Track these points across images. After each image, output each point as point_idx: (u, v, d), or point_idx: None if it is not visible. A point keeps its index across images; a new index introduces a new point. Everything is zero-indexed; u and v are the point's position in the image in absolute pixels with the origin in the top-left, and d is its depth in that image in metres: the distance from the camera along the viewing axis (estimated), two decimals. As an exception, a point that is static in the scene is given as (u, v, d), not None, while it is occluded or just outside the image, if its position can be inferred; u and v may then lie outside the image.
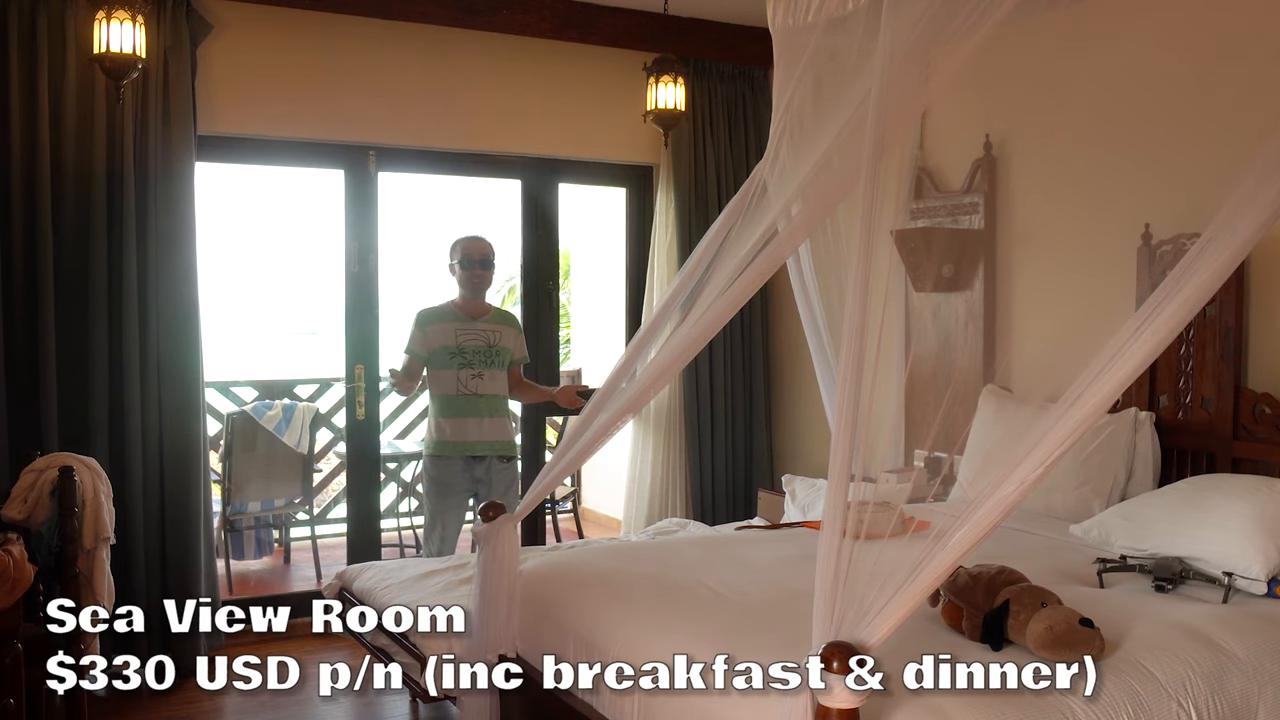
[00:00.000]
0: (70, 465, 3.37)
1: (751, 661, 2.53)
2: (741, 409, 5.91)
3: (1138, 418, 3.83)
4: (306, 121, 4.95)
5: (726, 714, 2.46)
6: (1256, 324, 3.70)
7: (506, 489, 4.52)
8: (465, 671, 3.44)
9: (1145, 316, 2.16)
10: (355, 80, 5.00)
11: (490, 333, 4.59)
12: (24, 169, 4.27)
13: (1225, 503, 3.15)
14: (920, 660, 2.48)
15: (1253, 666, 2.65)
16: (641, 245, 5.89)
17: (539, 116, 5.45)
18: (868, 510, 2.27)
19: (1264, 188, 2.14)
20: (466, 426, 4.51)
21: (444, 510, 4.58)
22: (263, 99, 4.84)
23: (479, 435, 4.52)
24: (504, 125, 5.37)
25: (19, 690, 2.75)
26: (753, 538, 3.88)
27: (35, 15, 4.25)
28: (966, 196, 4.67)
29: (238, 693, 4.40)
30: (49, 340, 4.29)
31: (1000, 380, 4.56)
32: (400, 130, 5.15)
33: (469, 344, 4.53)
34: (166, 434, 4.56)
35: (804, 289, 4.48)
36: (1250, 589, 3.01)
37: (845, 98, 3.27)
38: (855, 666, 2.06)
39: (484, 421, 4.53)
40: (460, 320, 4.59)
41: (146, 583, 4.53)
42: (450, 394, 4.52)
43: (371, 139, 5.12)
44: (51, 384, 4.30)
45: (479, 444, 4.52)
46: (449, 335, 4.52)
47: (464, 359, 4.51)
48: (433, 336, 4.52)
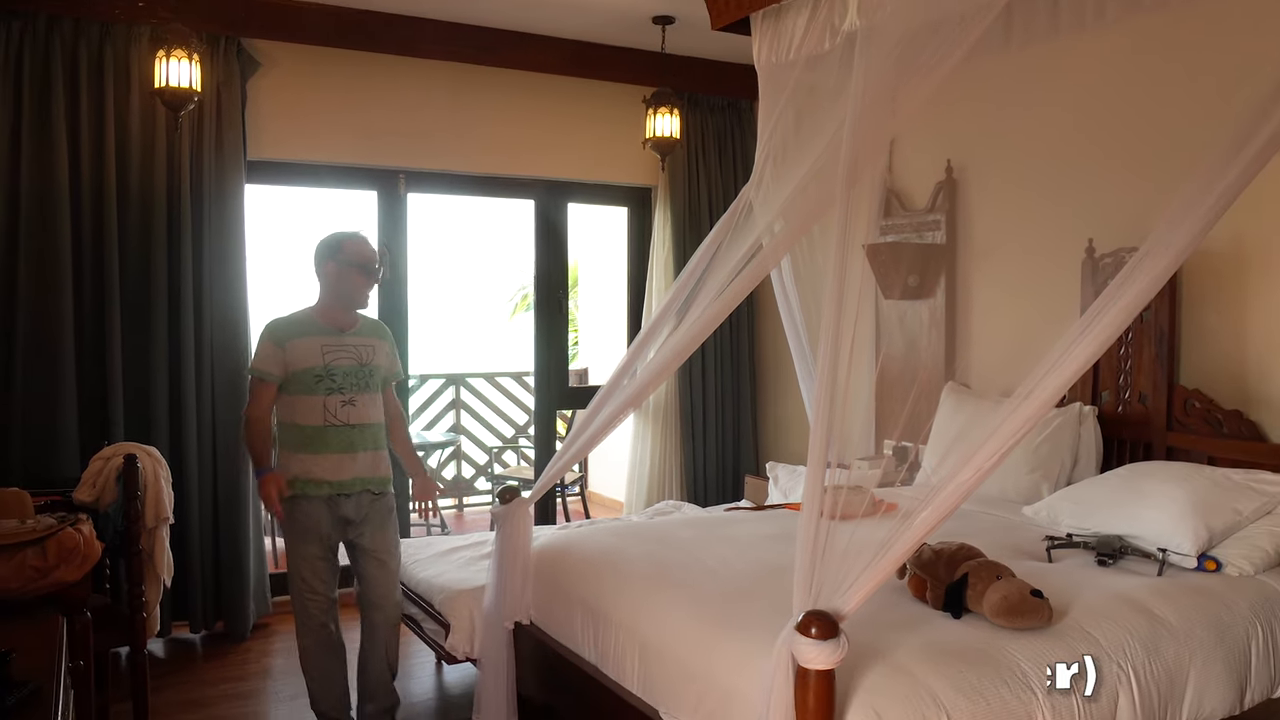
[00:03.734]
0: (134, 454, 3.38)
1: (738, 628, 2.54)
2: (730, 403, 5.91)
3: (1082, 411, 3.84)
4: (343, 148, 4.95)
5: (716, 674, 2.47)
6: (1187, 328, 3.70)
7: (384, 521, 3.44)
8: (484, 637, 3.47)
9: (1088, 321, 2.17)
10: (387, 111, 5.00)
11: (363, 349, 3.37)
12: (93, 189, 4.28)
13: (1160, 487, 3.16)
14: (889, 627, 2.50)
15: (1184, 632, 2.65)
16: (641, 258, 5.89)
17: (550, 143, 5.45)
18: (842, 494, 2.28)
19: (1192, 208, 2.15)
20: (334, 464, 3.28)
21: (309, 559, 3.33)
22: (305, 128, 4.84)
23: (353, 473, 3.32)
24: (519, 151, 5.38)
25: (88, 653, 2.75)
26: (740, 518, 3.89)
27: (103, 53, 4.27)
28: (930, 215, 4.68)
29: (282, 655, 4.42)
30: (115, 343, 4.30)
31: (960, 378, 4.56)
32: (427, 155, 5.15)
33: (338, 364, 3.29)
34: (219, 426, 4.57)
35: (785, 297, 4.48)
36: (1182, 563, 3.01)
37: (822, 127, 3.28)
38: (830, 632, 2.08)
39: (357, 457, 3.32)
40: (326, 334, 3.32)
41: (201, 558, 4.54)
42: (316, 425, 3.28)
43: (401, 163, 5.13)
44: (118, 381, 4.31)
45: (358, 480, 3.33)
46: (314, 354, 3.27)
47: (332, 383, 3.28)
48: (293, 355, 3.26)
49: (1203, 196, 2.14)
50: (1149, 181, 3.71)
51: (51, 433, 4.17)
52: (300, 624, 3.40)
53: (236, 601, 4.60)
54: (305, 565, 3.33)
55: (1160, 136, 3.72)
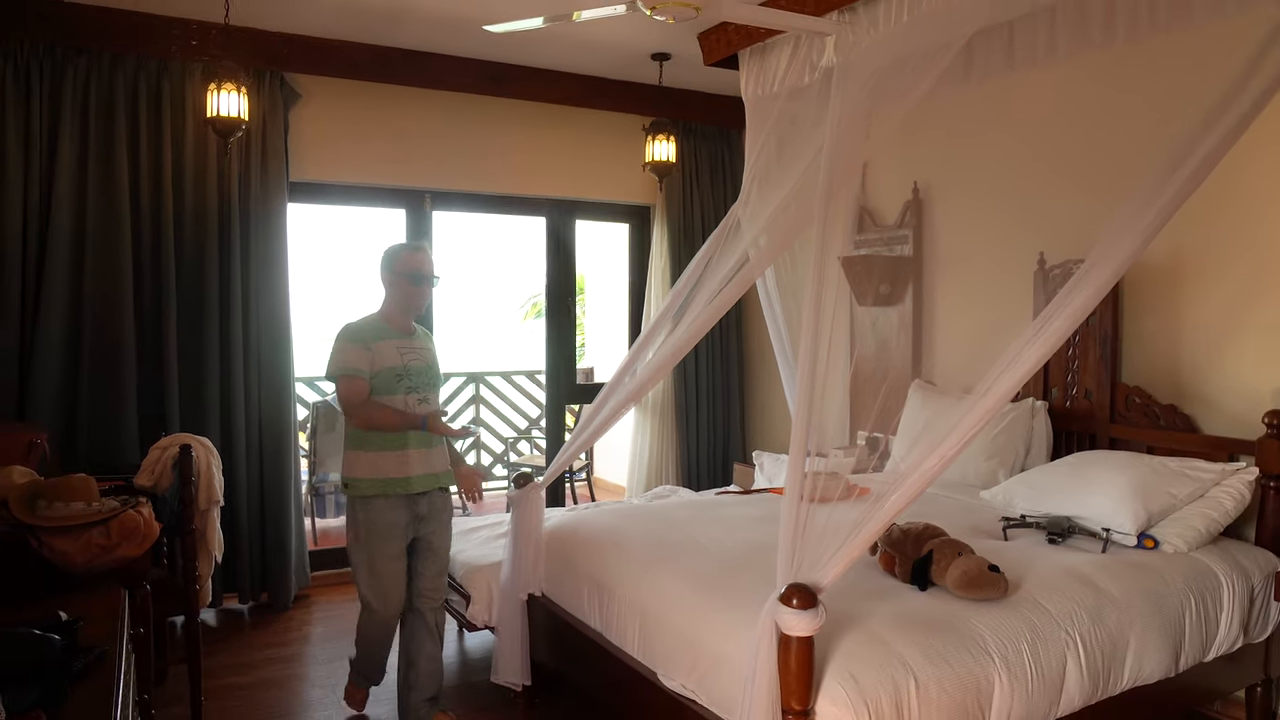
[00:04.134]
0: (188, 444, 3.37)
1: (727, 599, 2.53)
2: (720, 398, 5.90)
3: (1034, 406, 3.83)
4: (375, 170, 4.94)
5: (707, 641, 2.46)
6: (1128, 331, 3.70)
7: (448, 519, 3.29)
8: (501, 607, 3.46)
9: (1040, 326, 2.17)
10: (414, 137, 4.99)
11: (425, 350, 3.23)
12: (151, 207, 4.27)
13: (1104, 474, 3.16)
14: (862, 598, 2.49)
15: (1125, 603, 2.66)
16: (641, 269, 5.88)
17: (559, 166, 5.44)
18: (821, 479, 2.27)
19: (1133, 224, 2.15)
20: (416, 459, 3.10)
21: (385, 556, 3.08)
22: (340, 152, 4.83)
23: (426, 468, 3.13)
24: (531, 173, 5.37)
25: (148, 622, 2.75)
26: (729, 501, 3.88)
27: (160, 86, 4.26)
28: (899, 230, 4.67)
29: (320, 623, 4.42)
30: (171, 345, 4.29)
31: (925, 376, 4.55)
32: (450, 177, 5.14)
33: (412, 364, 3.14)
34: (264, 418, 4.56)
35: (770, 304, 4.50)
36: (1124, 541, 3.01)
37: (802, 152, 3.29)
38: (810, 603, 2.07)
39: (433, 453, 3.16)
40: (398, 337, 3.16)
41: (248, 536, 4.53)
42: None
43: (427, 184, 5.11)
44: (174, 379, 4.30)
45: (424, 478, 3.13)
46: (393, 355, 3.10)
47: (410, 382, 3.11)
48: (377, 356, 3.08)
49: (1142, 214, 2.14)
50: (1094, 200, 3.70)
51: (115, 425, 4.15)
52: (369, 616, 3.16)
53: (280, 576, 4.59)
54: (385, 563, 3.08)
55: (1105, 160, 3.71)
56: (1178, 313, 3.53)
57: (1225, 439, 3.29)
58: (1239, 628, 2.89)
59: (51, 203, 4.05)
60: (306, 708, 3.50)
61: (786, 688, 2.08)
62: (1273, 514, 3.12)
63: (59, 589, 2.42)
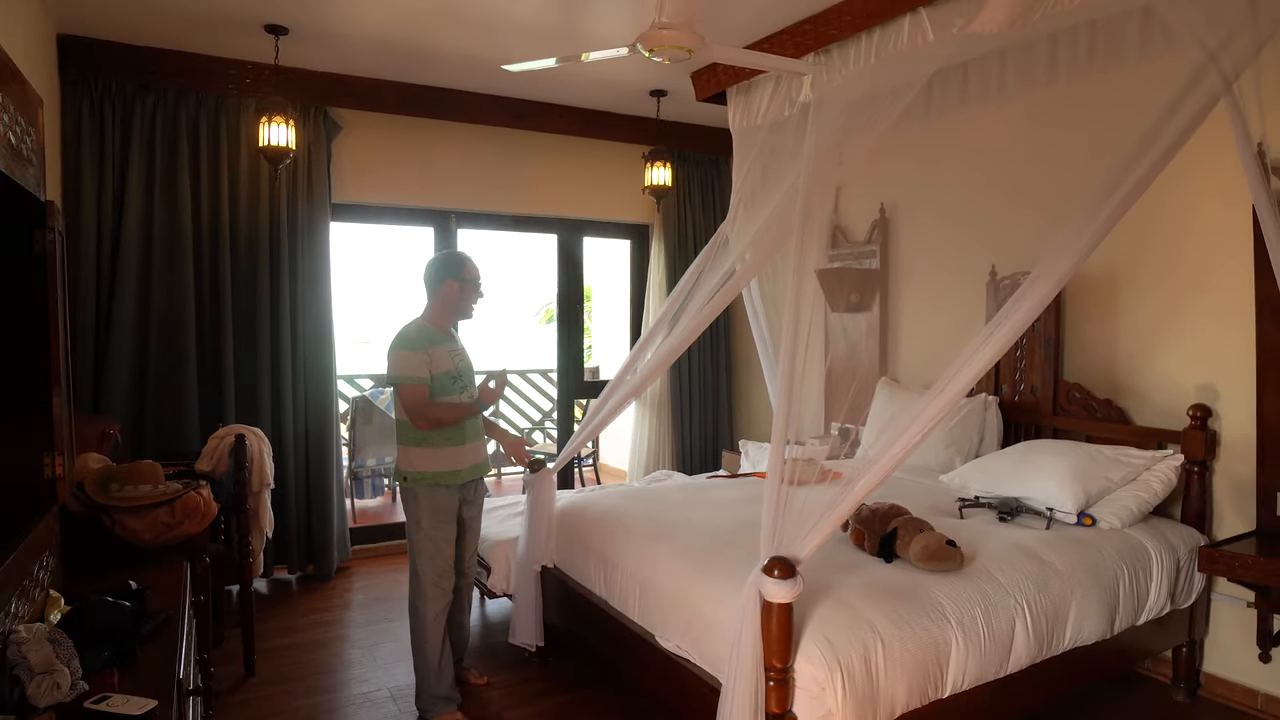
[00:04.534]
0: (243, 433, 3.38)
1: (717, 570, 2.54)
2: (710, 394, 5.90)
3: (987, 400, 3.84)
4: (407, 193, 4.94)
5: (700, 606, 2.47)
6: (1069, 335, 3.70)
7: (482, 504, 3.24)
8: (518, 577, 3.47)
9: (991, 330, 2.17)
10: (441, 164, 4.99)
11: (466, 352, 3.12)
12: (210, 225, 4.27)
13: (1048, 460, 3.17)
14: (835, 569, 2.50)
15: (1067, 573, 2.66)
16: (641, 280, 5.88)
17: (569, 190, 5.44)
18: (799, 465, 2.28)
19: (1072, 243, 2.15)
20: (472, 451, 3.05)
21: (444, 538, 3.00)
22: (377, 178, 4.83)
23: (478, 458, 3.09)
24: (544, 196, 5.36)
25: (207, 590, 2.76)
26: (718, 484, 3.88)
27: (218, 119, 4.27)
28: (868, 246, 4.68)
29: (360, 591, 4.43)
30: (228, 347, 4.30)
31: (891, 374, 4.57)
32: (473, 199, 5.14)
33: (461, 365, 3.04)
34: (310, 411, 4.56)
35: (754, 311, 4.50)
36: (1065, 520, 3.02)
37: (783, 178, 3.29)
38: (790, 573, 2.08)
39: (482, 445, 3.12)
40: (447, 341, 3.02)
41: (296, 515, 4.53)
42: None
43: (453, 205, 5.11)
44: (230, 376, 4.30)
45: (478, 467, 3.09)
46: (446, 358, 2.98)
47: (462, 382, 3.02)
48: (434, 360, 2.95)
49: (1080, 233, 2.15)
50: (1039, 220, 3.72)
51: (178, 417, 4.15)
52: (429, 596, 2.98)
53: (323, 549, 4.59)
54: (444, 545, 2.99)
55: (1048, 186, 3.72)
56: (1113, 319, 3.54)
57: (1154, 429, 3.30)
58: (1167, 595, 2.90)
59: (122, 221, 4.06)
60: (347, 665, 3.51)
61: (769, 648, 2.10)
62: (1196, 495, 3.13)
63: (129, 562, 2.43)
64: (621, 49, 2.65)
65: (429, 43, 4.01)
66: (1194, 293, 3.24)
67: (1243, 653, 3.10)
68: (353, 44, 4.02)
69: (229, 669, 3.38)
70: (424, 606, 2.98)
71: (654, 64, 2.63)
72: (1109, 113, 3.43)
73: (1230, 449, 3.13)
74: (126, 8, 3.57)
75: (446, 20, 3.71)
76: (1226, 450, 3.15)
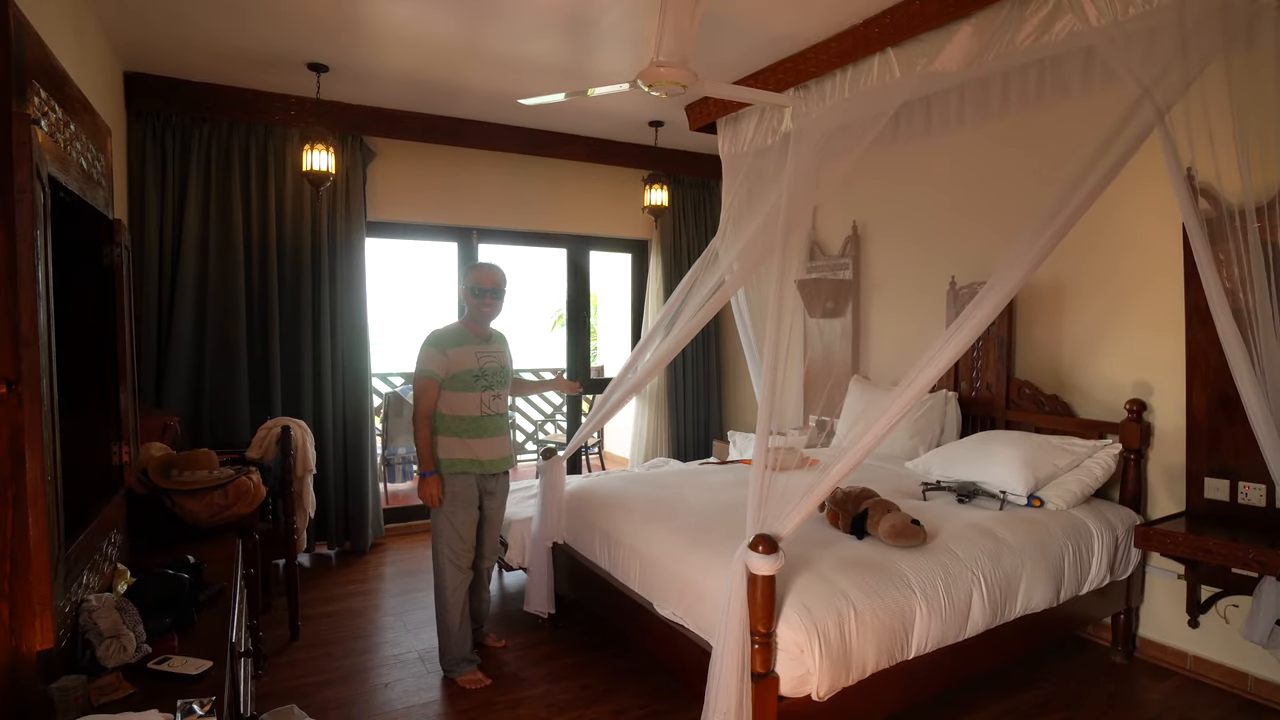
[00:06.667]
0: (288, 425, 3.38)
1: (708, 546, 2.54)
2: (702, 390, 5.90)
3: (947, 395, 3.84)
4: (434, 212, 4.94)
5: (693, 577, 2.47)
6: (1021, 337, 3.70)
7: (505, 494, 3.15)
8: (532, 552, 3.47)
9: (951, 333, 2.17)
10: (464, 186, 4.99)
11: (500, 354, 3.06)
12: (259, 241, 4.27)
13: (1001, 449, 3.17)
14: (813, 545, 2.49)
15: (1019, 549, 2.66)
16: (640, 289, 5.87)
17: (577, 209, 5.44)
18: (780, 453, 2.28)
19: (1022, 256, 2.15)
20: (491, 445, 2.99)
21: (462, 521, 2.95)
22: (407, 198, 4.83)
23: (499, 453, 3.02)
24: (556, 215, 5.36)
25: (257, 564, 2.76)
26: (709, 470, 3.88)
27: (266, 147, 4.27)
28: (842, 259, 4.68)
29: (391, 565, 4.42)
30: (275, 348, 4.29)
31: (862, 372, 4.56)
32: (492, 217, 5.14)
33: (489, 366, 2.99)
34: (347, 405, 4.55)
35: (741, 316, 4.50)
36: (1016, 501, 3.02)
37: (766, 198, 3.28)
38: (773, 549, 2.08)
39: (502, 439, 3.04)
40: (476, 343, 3.00)
41: (334, 497, 4.53)
42: (474, 415, 2.95)
43: (474, 223, 5.11)
44: (277, 375, 4.30)
45: (497, 461, 3.02)
46: (470, 359, 2.95)
47: (486, 381, 2.97)
48: (454, 359, 2.93)
49: (1030, 248, 2.14)
50: (994, 237, 3.72)
51: (231, 411, 4.15)
52: (448, 576, 2.95)
53: (359, 528, 4.59)
54: (463, 527, 2.95)
55: (1002, 205, 3.72)
56: (1059, 323, 3.54)
57: (1096, 421, 3.29)
58: (1106, 568, 2.90)
59: (181, 237, 4.06)
60: (380, 630, 3.51)
61: (754, 615, 2.10)
62: (1132, 480, 3.13)
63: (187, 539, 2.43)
64: (623, 85, 2.65)
65: (454, 80, 4.01)
66: (1131, 300, 3.24)
67: (1174, 619, 3.10)
68: (386, 80, 4.02)
69: (276, 633, 3.38)
70: (443, 580, 2.98)
71: (652, 98, 2.63)
72: (1055, 141, 3.43)
73: (1163, 439, 3.13)
74: (185, 48, 3.57)
75: (470, 60, 3.72)
76: (1159, 440, 3.14)
